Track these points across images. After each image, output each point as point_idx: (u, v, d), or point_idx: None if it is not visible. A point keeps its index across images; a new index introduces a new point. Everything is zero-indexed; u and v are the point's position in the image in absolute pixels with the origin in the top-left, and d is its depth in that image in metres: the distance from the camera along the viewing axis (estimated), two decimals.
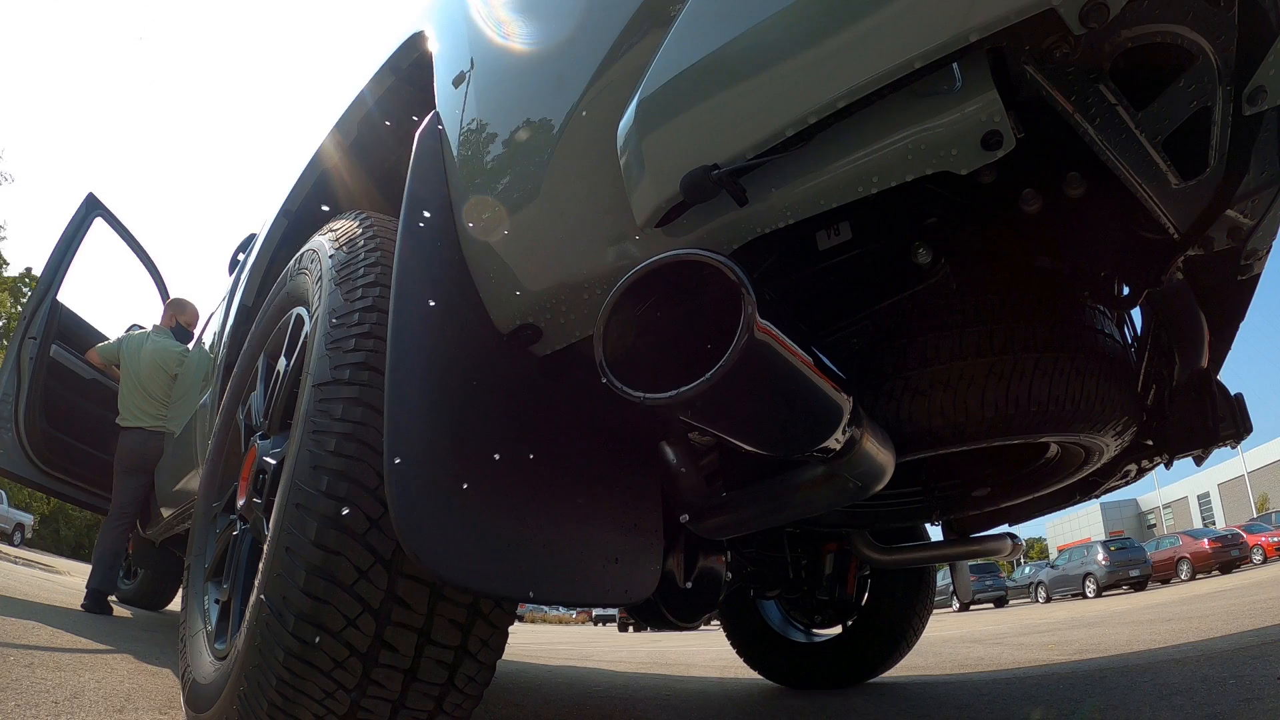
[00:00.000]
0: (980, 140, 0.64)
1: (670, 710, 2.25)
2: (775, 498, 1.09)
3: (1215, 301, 1.18)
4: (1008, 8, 0.57)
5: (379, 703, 0.92)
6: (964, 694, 2.28)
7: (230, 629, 1.21)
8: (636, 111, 0.77)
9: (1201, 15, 0.74)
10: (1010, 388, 1.06)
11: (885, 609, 2.60)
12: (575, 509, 0.98)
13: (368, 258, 1.14)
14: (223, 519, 1.49)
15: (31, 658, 1.87)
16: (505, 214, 0.96)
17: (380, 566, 0.89)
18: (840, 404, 0.78)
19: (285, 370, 1.34)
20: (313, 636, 0.87)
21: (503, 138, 1.00)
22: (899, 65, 0.62)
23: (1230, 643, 2.81)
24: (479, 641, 0.97)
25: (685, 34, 0.75)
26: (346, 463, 0.92)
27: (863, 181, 0.70)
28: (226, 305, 2.67)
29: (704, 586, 1.80)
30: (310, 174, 1.87)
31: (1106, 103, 0.78)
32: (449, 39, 1.22)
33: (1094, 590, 15.77)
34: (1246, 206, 0.93)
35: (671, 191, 0.74)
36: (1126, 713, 1.67)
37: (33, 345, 3.92)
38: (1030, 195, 0.95)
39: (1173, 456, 1.37)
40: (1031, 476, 1.50)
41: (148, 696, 1.62)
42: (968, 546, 1.97)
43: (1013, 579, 21.20)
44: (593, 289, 0.90)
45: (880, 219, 0.98)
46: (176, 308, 4.16)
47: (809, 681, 2.73)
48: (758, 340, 0.62)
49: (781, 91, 0.68)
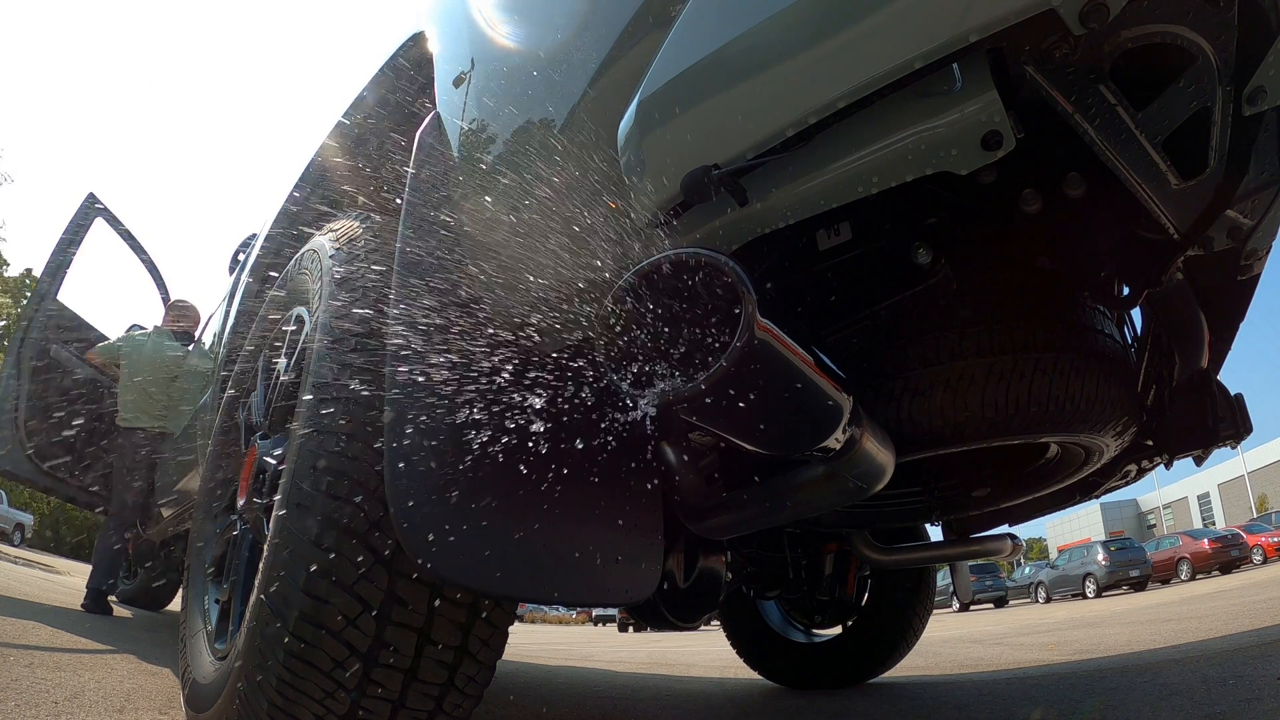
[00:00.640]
0: (980, 140, 0.64)
1: (670, 710, 2.25)
2: (775, 498, 1.09)
3: (1215, 301, 1.17)
4: (1007, 8, 0.57)
5: (379, 703, 0.92)
6: (964, 694, 2.28)
7: (230, 629, 1.21)
8: (637, 112, 0.77)
9: (1201, 15, 0.74)
10: (1010, 388, 1.06)
11: (885, 609, 2.60)
12: (575, 509, 0.98)
13: (368, 258, 1.14)
14: (223, 519, 1.49)
15: (31, 658, 1.87)
16: (505, 214, 0.96)
17: (380, 566, 0.89)
18: (840, 403, 0.78)
19: (285, 370, 1.34)
20: (313, 636, 0.87)
21: (503, 138, 1.00)
22: (899, 65, 0.62)
23: (1230, 643, 2.81)
24: (479, 641, 0.97)
25: (685, 34, 0.75)
26: (346, 463, 0.92)
27: (863, 182, 0.70)
28: (226, 305, 2.68)
29: (704, 586, 1.80)
30: (310, 174, 1.87)
31: (1106, 103, 0.78)
32: (449, 39, 1.23)
33: (1094, 590, 15.76)
34: (1246, 206, 0.93)
35: (672, 191, 0.74)
36: (1126, 713, 1.67)
37: (33, 345, 3.92)
38: (1030, 195, 0.95)
39: (1173, 457, 1.37)
40: (1031, 477, 1.50)
41: (148, 696, 1.62)
42: (968, 547, 1.96)
43: (1013, 579, 21.18)
44: (593, 289, 0.90)
45: (880, 219, 0.99)
46: (177, 309, 4.16)
47: (809, 682, 2.72)
48: (758, 340, 0.62)
49: (782, 92, 0.68)
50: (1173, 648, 2.99)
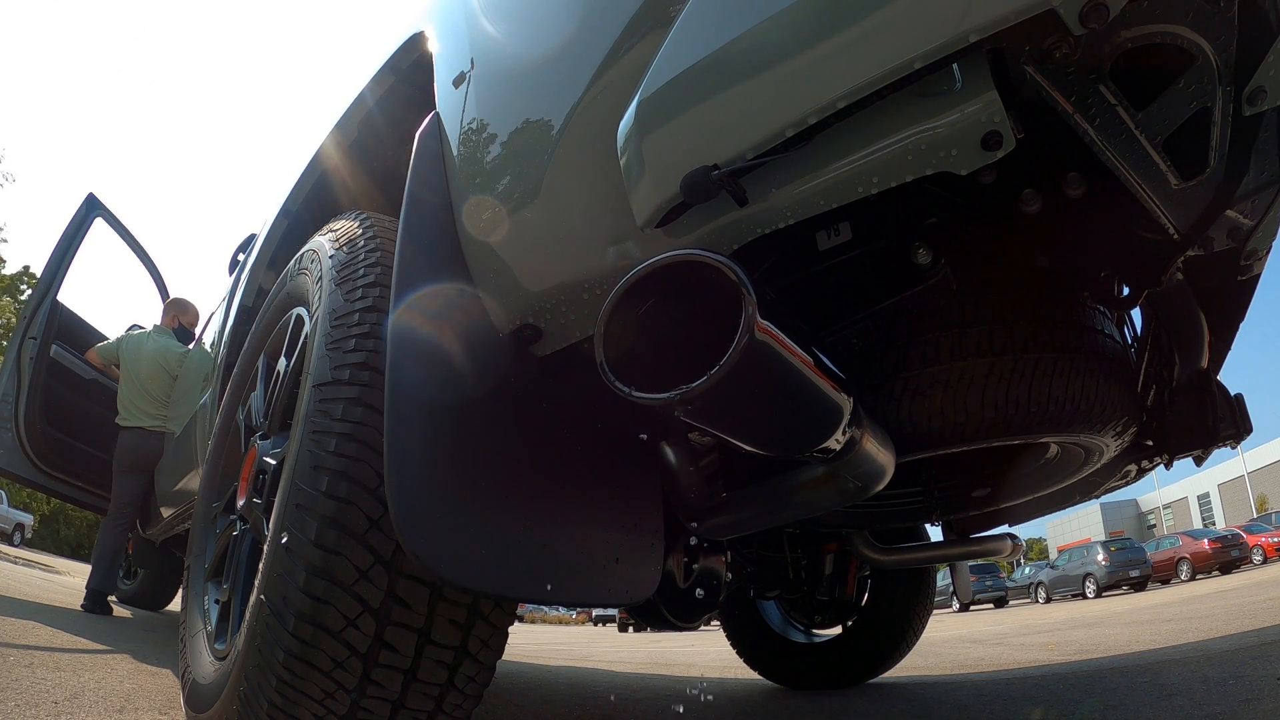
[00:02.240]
0: (980, 141, 0.64)
1: (670, 710, 2.25)
2: (775, 498, 1.09)
3: (1215, 301, 1.17)
4: (1007, 8, 0.57)
5: (379, 703, 0.92)
6: (964, 694, 2.28)
7: (230, 629, 1.21)
8: (636, 112, 0.77)
9: (1201, 15, 0.74)
10: (1010, 388, 1.06)
11: (885, 609, 2.60)
12: (576, 509, 0.98)
13: (368, 258, 1.14)
14: (223, 519, 1.49)
15: (31, 658, 1.87)
16: (505, 214, 0.96)
17: (380, 567, 0.89)
18: (840, 404, 0.78)
19: (285, 370, 1.34)
20: (313, 637, 0.87)
21: (503, 138, 1.00)
22: (899, 66, 0.62)
23: (1230, 643, 2.81)
24: (479, 642, 0.97)
25: (685, 34, 0.75)
26: (346, 463, 0.92)
27: (863, 182, 0.70)
28: (226, 305, 2.68)
29: (704, 587, 1.80)
30: (310, 174, 1.87)
31: (1106, 103, 0.78)
32: (449, 39, 1.23)
33: (1094, 591, 15.76)
34: (1246, 207, 0.93)
35: (672, 192, 0.74)
36: (1126, 713, 1.67)
37: (33, 345, 3.92)
38: (1030, 195, 0.95)
39: (1173, 457, 1.37)
40: (1031, 477, 1.50)
41: (148, 696, 1.62)
42: (968, 547, 1.97)
43: (1013, 579, 21.19)
44: (593, 289, 0.90)
45: (880, 219, 0.99)
46: (177, 308, 4.16)
47: (809, 682, 2.73)
48: (758, 341, 0.62)
49: (781, 92, 0.68)
50: (1173, 648, 2.99)
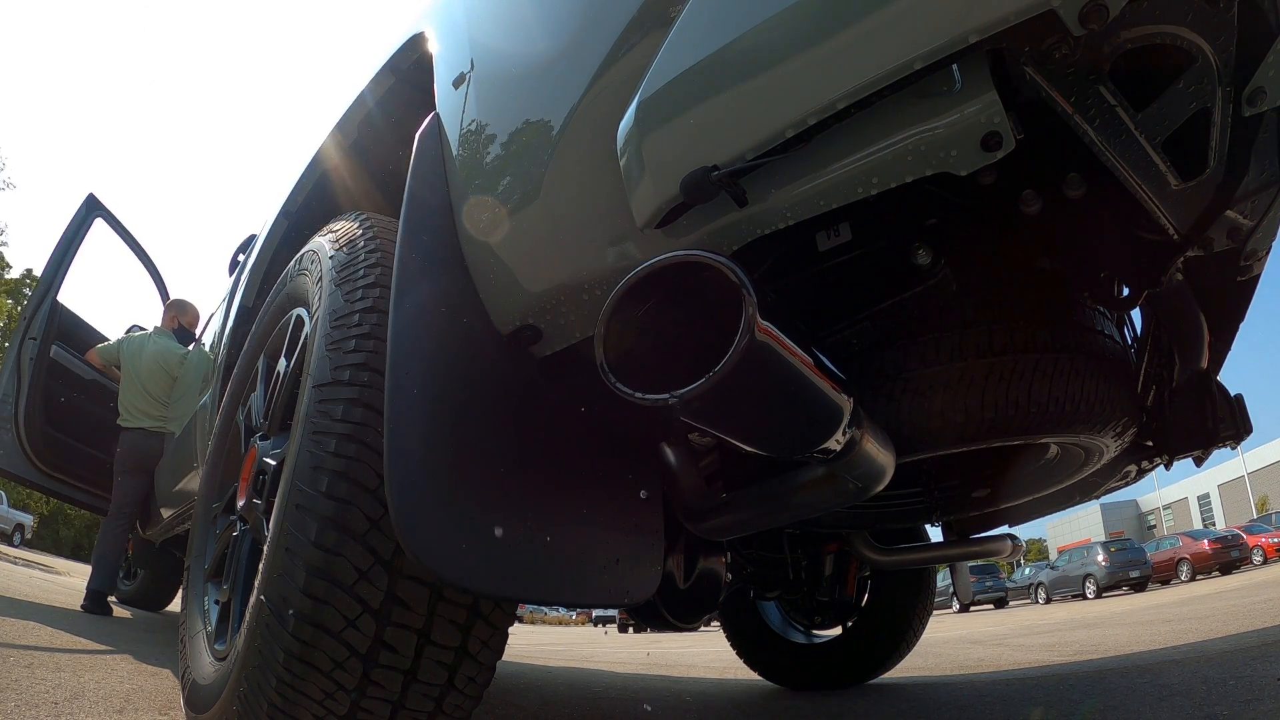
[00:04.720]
0: (980, 141, 0.64)
1: (670, 710, 2.24)
2: (775, 499, 1.09)
3: (1215, 302, 1.17)
4: (1007, 9, 0.57)
5: (379, 703, 0.92)
6: (964, 695, 2.28)
7: (230, 629, 1.21)
8: (636, 112, 0.77)
9: (1201, 16, 0.74)
10: (1010, 389, 1.06)
11: (885, 610, 2.60)
12: (576, 510, 0.98)
13: (368, 259, 1.14)
14: (223, 519, 1.49)
15: (31, 658, 1.87)
16: (505, 215, 0.96)
17: (380, 567, 0.89)
18: (840, 405, 0.78)
19: (285, 371, 1.34)
20: (312, 637, 0.87)
21: (503, 139, 1.00)
22: (899, 66, 0.62)
23: (1230, 643, 2.81)
24: (479, 642, 0.97)
25: (685, 35, 0.75)
26: (346, 463, 0.92)
27: (862, 182, 0.70)
28: (227, 306, 2.68)
29: (704, 587, 1.80)
30: (310, 175, 1.87)
31: (1106, 104, 0.78)
32: (449, 40, 1.23)
33: (1094, 591, 15.76)
34: (1246, 207, 0.93)
35: (671, 192, 0.74)
36: (1126, 714, 1.67)
37: (33, 346, 3.92)
38: (1030, 196, 0.95)
39: (1173, 457, 1.37)
40: (1031, 477, 1.50)
41: (148, 697, 1.62)
42: (968, 547, 1.97)
43: (1013, 580, 21.18)
44: (593, 290, 0.90)
45: (880, 220, 0.98)
46: (177, 309, 4.16)
47: (809, 682, 2.72)
48: (758, 341, 0.62)
49: (781, 93, 0.68)
50: (1173, 648, 2.99)
